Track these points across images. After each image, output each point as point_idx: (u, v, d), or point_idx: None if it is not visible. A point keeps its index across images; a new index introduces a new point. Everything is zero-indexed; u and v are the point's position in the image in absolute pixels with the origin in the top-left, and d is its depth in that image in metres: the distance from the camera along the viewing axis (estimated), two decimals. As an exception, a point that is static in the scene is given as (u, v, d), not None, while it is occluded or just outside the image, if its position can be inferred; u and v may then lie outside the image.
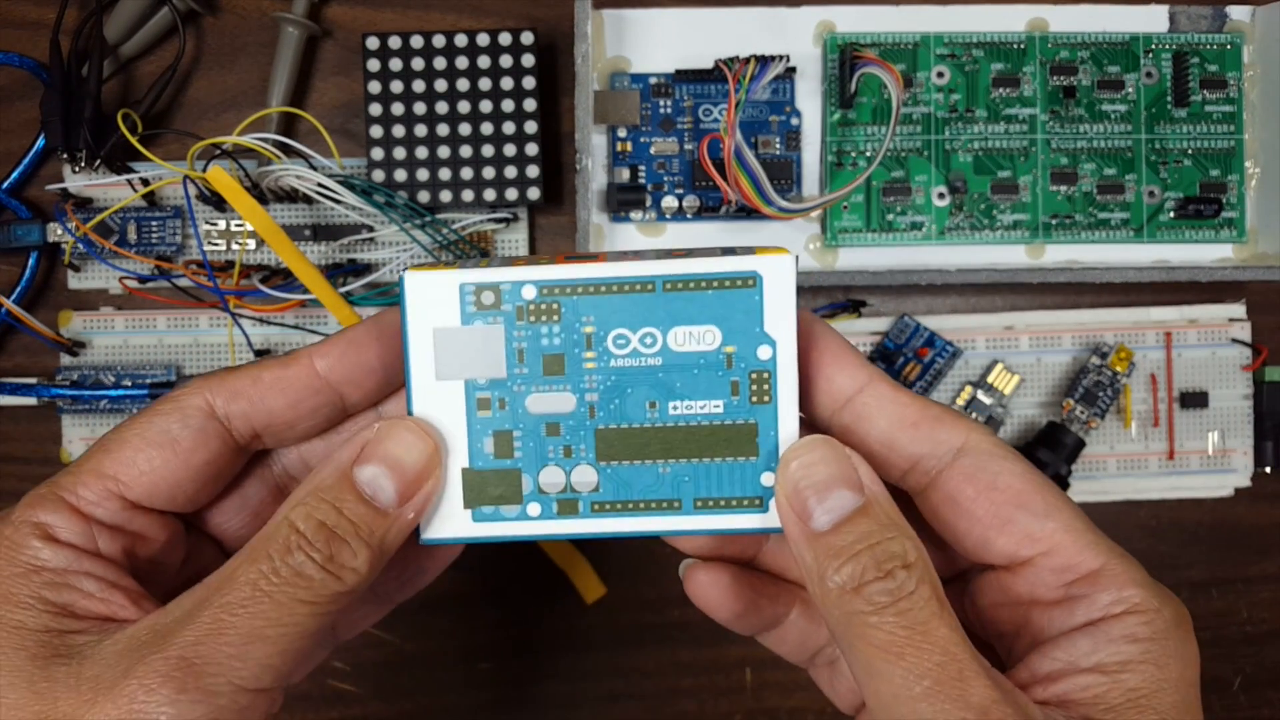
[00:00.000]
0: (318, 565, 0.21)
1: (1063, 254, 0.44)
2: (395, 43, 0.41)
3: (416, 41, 0.41)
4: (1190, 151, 0.44)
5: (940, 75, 0.43)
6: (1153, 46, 0.44)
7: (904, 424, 0.22)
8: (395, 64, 0.41)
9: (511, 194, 0.41)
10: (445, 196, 0.41)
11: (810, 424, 0.24)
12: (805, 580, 0.21)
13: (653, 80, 0.43)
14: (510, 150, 0.41)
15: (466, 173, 0.41)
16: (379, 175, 0.41)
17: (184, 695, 0.19)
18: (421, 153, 0.41)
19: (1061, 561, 0.22)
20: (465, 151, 0.41)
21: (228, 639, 0.20)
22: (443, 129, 0.41)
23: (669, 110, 0.43)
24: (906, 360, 0.44)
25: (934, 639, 0.19)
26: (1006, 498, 0.22)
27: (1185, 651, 0.21)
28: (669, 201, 0.43)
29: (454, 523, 0.23)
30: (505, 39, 0.41)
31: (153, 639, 0.20)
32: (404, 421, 0.22)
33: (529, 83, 0.41)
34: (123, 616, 0.22)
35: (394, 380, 0.24)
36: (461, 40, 0.41)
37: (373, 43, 0.41)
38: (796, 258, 0.22)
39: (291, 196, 0.42)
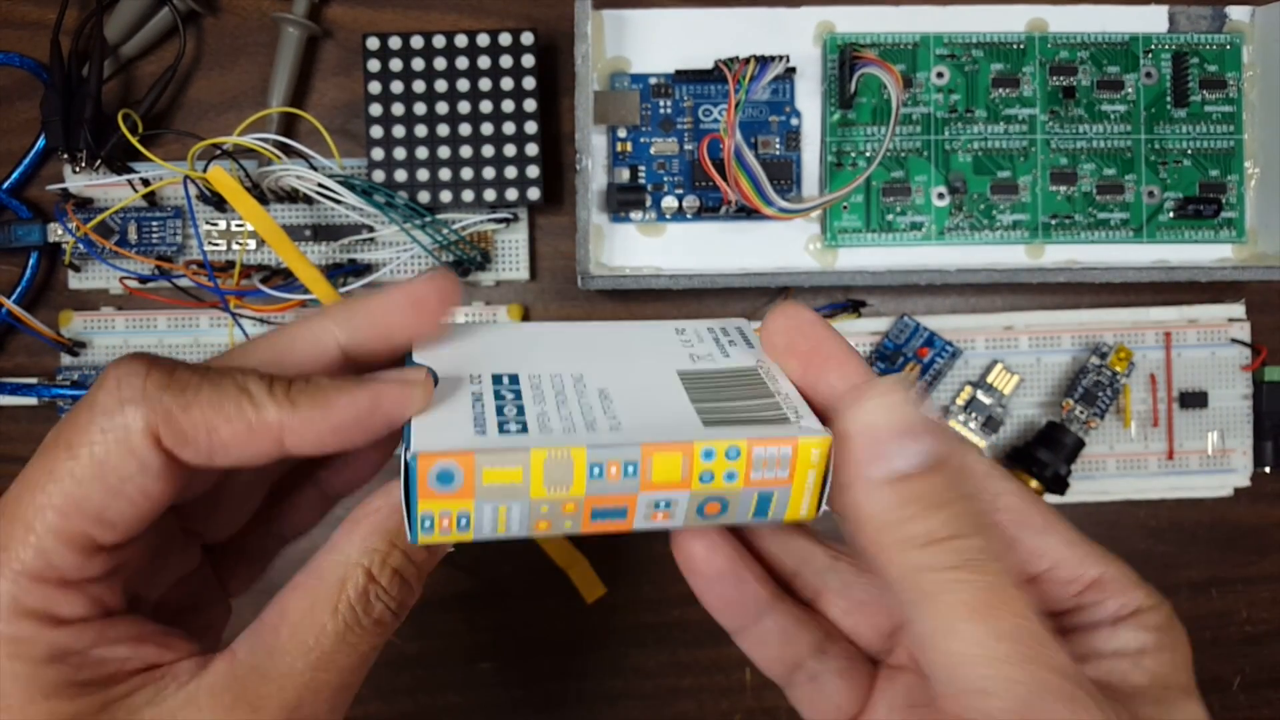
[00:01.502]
0: (393, 613, 0.21)
1: (1062, 254, 0.44)
2: (395, 43, 0.41)
3: (416, 42, 0.41)
4: (1190, 151, 0.44)
5: (940, 75, 0.43)
6: (1152, 47, 0.44)
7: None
8: (395, 64, 0.41)
9: (511, 194, 0.41)
10: (445, 196, 0.41)
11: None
12: (860, 527, 0.20)
13: (653, 80, 0.43)
14: (510, 150, 0.41)
15: (466, 173, 0.41)
16: (379, 175, 0.41)
17: None
18: (421, 153, 0.41)
19: (1066, 574, 0.22)
20: (465, 151, 0.41)
21: (325, 696, 0.20)
22: (443, 129, 0.41)
23: (669, 110, 0.43)
24: (906, 360, 0.44)
25: (1015, 604, 0.19)
26: (1009, 519, 0.22)
27: (1186, 640, 0.22)
28: (669, 202, 0.43)
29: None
30: (505, 39, 0.41)
31: (239, 693, 0.20)
32: None
33: (529, 83, 0.41)
34: (165, 661, 0.21)
35: (368, 449, 0.23)
36: (461, 40, 0.41)
37: (373, 43, 0.41)
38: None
39: (292, 196, 0.42)
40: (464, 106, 0.41)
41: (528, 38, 0.41)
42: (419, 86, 0.41)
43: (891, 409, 0.20)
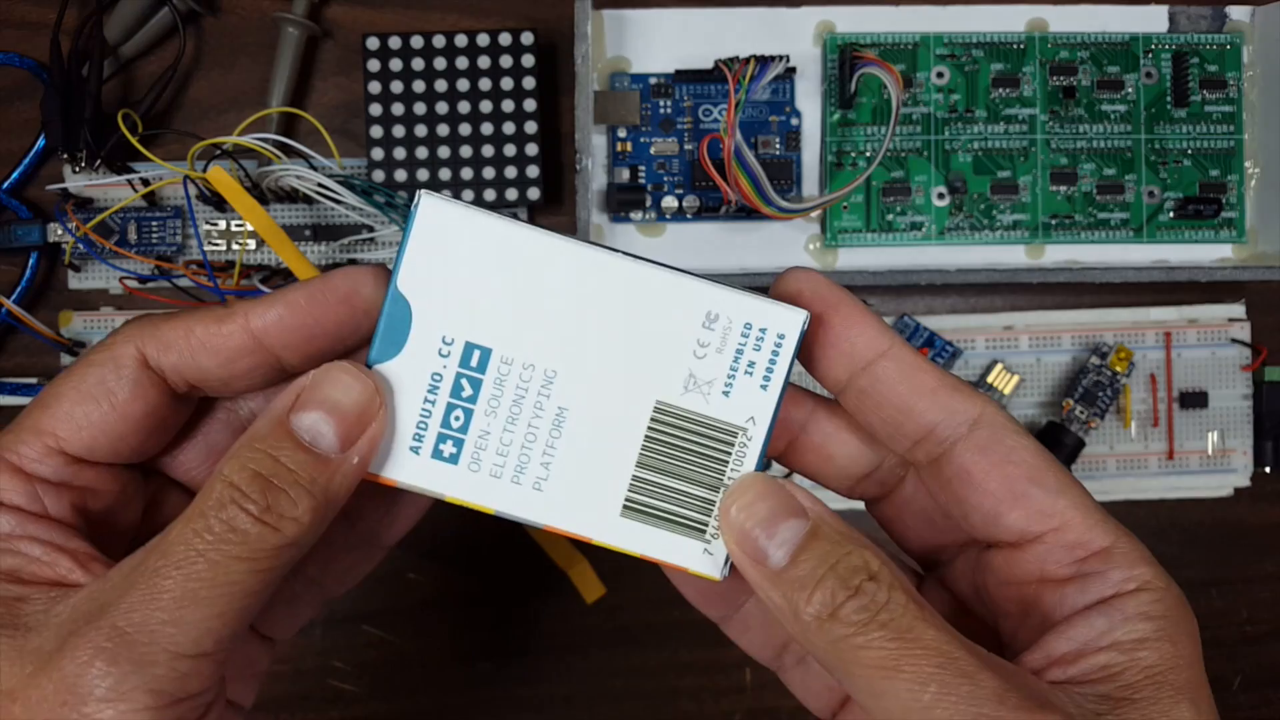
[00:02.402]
0: (253, 518, 0.20)
1: (1062, 254, 0.44)
2: (395, 43, 0.41)
3: (416, 42, 0.41)
4: (1190, 151, 0.44)
5: (940, 75, 0.43)
6: (1152, 47, 0.44)
7: (923, 390, 0.22)
8: (395, 64, 0.41)
9: (511, 194, 0.41)
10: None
11: (827, 387, 0.23)
12: (783, 622, 0.21)
13: (653, 80, 0.43)
14: (510, 150, 0.41)
15: (466, 173, 0.41)
16: (379, 175, 0.41)
17: (117, 667, 0.19)
18: (422, 153, 0.41)
19: (1073, 538, 0.21)
20: (465, 151, 0.41)
21: (161, 604, 0.19)
22: (443, 129, 0.41)
23: (669, 110, 0.43)
24: (906, 360, 0.44)
25: (925, 643, 0.19)
26: (1021, 472, 0.22)
27: (1193, 629, 0.21)
28: (669, 202, 0.43)
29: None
30: (505, 39, 0.41)
31: (92, 609, 0.20)
32: (339, 364, 0.21)
33: (529, 83, 0.41)
34: (72, 580, 0.21)
35: (335, 348, 0.23)
36: (461, 40, 0.41)
37: (373, 43, 0.41)
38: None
39: (291, 196, 0.42)
40: (464, 106, 0.41)
41: (528, 38, 0.41)
42: (419, 86, 0.41)
43: (749, 508, 0.21)
